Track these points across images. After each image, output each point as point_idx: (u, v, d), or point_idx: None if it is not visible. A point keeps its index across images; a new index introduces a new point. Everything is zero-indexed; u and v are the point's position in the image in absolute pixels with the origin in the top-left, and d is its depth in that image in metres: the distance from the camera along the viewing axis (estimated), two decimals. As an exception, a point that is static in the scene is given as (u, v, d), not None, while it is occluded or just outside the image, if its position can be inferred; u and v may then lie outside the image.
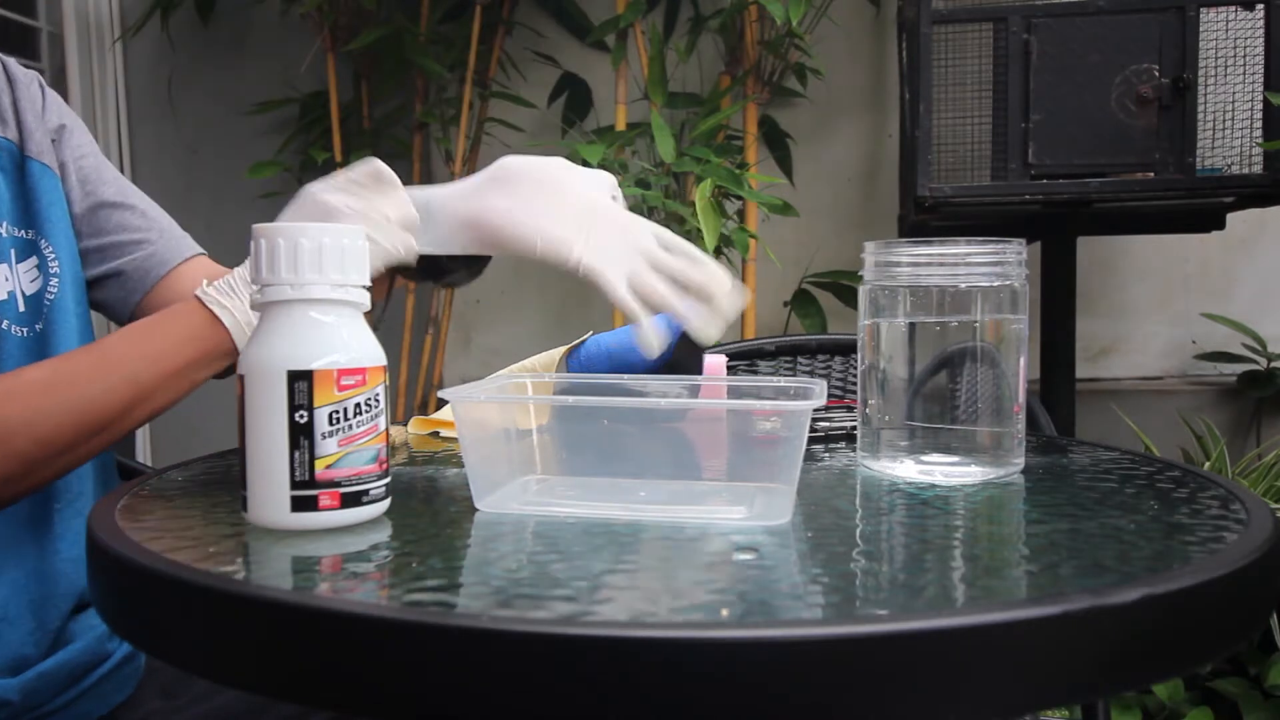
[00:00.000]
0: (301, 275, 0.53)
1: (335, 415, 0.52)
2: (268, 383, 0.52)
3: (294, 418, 0.52)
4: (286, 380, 0.52)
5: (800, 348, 1.18)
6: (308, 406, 0.52)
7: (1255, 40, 1.77)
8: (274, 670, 0.41)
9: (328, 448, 0.52)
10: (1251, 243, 2.26)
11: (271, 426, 0.52)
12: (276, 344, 0.53)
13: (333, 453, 0.53)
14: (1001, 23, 1.71)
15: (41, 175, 0.81)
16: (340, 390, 0.53)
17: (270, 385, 0.52)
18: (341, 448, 0.53)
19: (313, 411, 0.52)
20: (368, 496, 0.54)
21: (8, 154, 0.80)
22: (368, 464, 0.54)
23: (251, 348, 0.54)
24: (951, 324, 0.65)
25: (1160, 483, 0.62)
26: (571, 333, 0.90)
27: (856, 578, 0.45)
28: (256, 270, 0.54)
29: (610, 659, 0.36)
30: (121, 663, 0.84)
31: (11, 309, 0.78)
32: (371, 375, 0.54)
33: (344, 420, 0.53)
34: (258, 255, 0.54)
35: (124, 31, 2.52)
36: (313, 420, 0.52)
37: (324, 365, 0.53)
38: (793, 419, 0.55)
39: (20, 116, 0.82)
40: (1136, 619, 0.40)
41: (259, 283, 0.54)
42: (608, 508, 0.56)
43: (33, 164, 0.81)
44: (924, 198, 1.71)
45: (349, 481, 0.53)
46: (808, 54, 2.13)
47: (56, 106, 0.86)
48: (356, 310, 0.56)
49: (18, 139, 0.81)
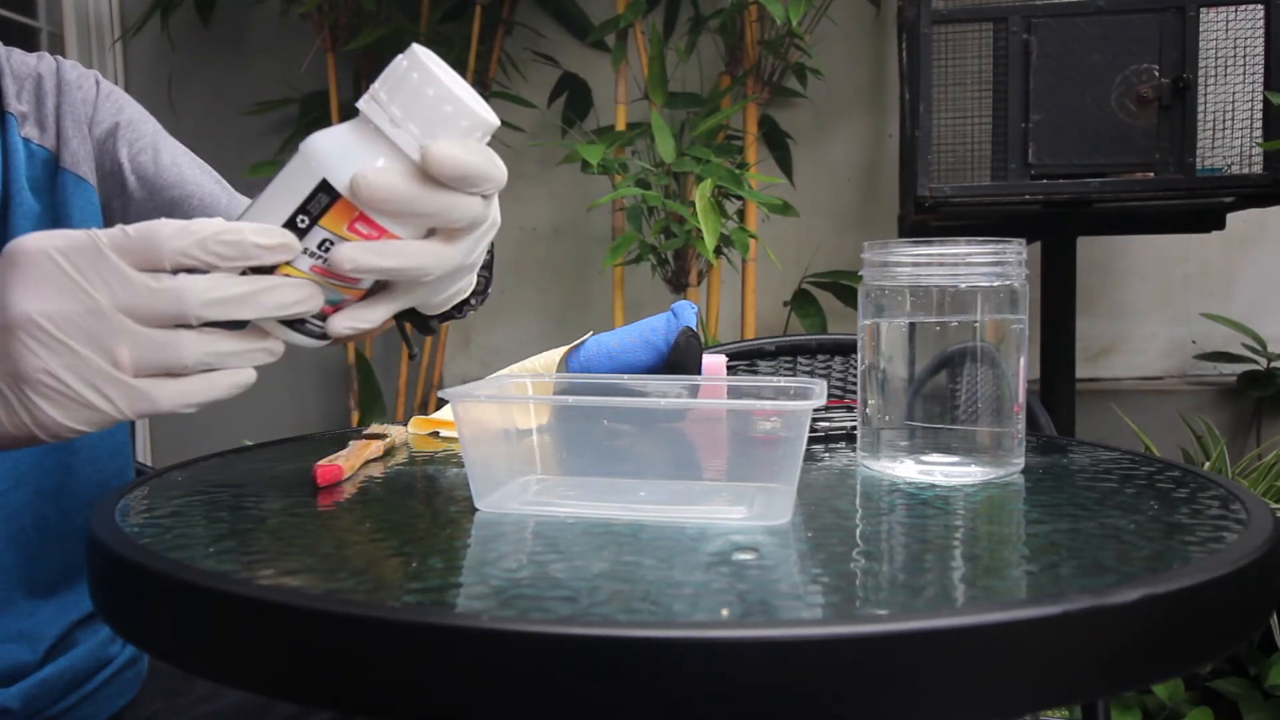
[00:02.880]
0: (407, 122, 0.50)
1: (326, 244, 0.51)
2: (302, 170, 0.50)
3: (296, 218, 0.50)
4: (315, 185, 0.50)
5: (800, 348, 1.18)
6: (312, 219, 0.50)
7: (1255, 40, 1.77)
8: (274, 670, 0.41)
9: (300, 264, 0.51)
10: (1251, 243, 2.26)
11: (277, 203, 0.51)
12: (336, 148, 0.51)
13: (300, 272, 0.51)
14: (1001, 23, 1.71)
15: (75, 189, 0.79)
16: (349, 230, 0.51)
17: (302, 173, 0.50)
18: (310, 274, 0.51)
19: (313, 228, 0.50)
20: (300, 327, 0.53)
21: (43, 163, 0.78)
22: (323, 304, 0.53)
23: (328, 132, 0.51)
24: (951, 324, 0.65)
25: (1160, 483, 0.62)
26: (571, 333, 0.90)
27: (856, 578, 0.45)
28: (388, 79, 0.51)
29: (610, 659, 0.36)
30: (124, 667, 0.84)
31: None
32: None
33: (328, 254, 0.51)
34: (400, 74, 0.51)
35: (124, 31, 2.52)
36: (307, 234, 0.51)
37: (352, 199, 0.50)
38: (793, 419, 0.55)
39: (60, 124, 0.80)
40: (1136, 619, 0.40)
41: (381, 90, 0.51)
42: (608, 508, 0.56)
43: (66, 176, 0.79)
44: (924, 198, 1.71)
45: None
46: (808, 54, 2.13)
47: (112, 103, 0.83)
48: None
49: (55, 147, 0.79)
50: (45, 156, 0.78)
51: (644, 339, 0.83)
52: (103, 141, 0.82)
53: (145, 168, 0.82)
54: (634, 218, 2.02)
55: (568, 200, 2.44)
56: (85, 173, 0.80)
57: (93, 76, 0.84)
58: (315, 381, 2.57)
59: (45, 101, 0.79)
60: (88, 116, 0.81)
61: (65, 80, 0.81)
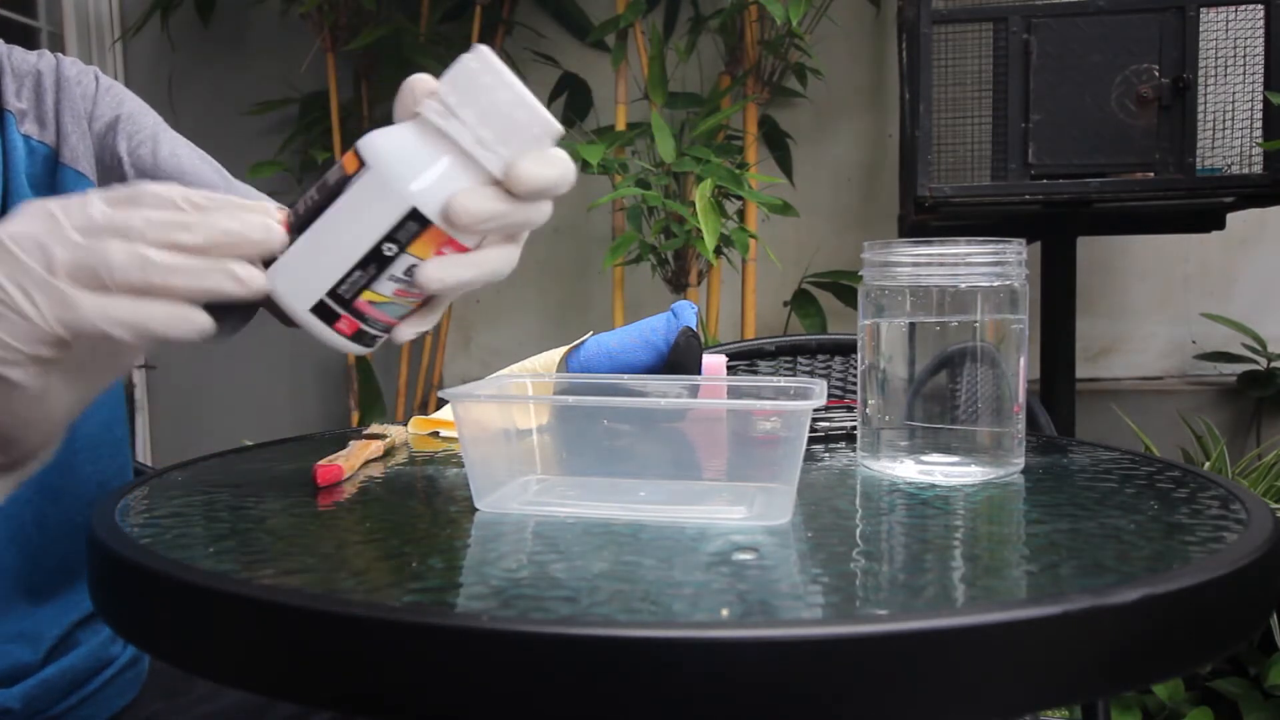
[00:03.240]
0: (482, 129, 0.49)
1: (411, 270, 0.50)
2: (386, 195, 0.48)
3: (382, 246, 0.49)
4: (404, 212, 0.49)
5: (800, 348, 1.18)
6: (401, 248, 0.49)
7: (1255, 40, 1.77)
8: (273, 670, 0.41)
9: (383, 289, 0.50)
10: (1251, 243, 2.26)
11: (357, 230, 0.49)
12: (414, 166, 0.49)
13: (383, 296, 0.50)
14: (1001, 23, 1.71)
15: (75, 184, 0.79)
16: (436, 254, 0.50)
17: (386, 198, 0.48)
18: (392, 297, 0.51)
19: (400, 255, 0.49)
20: (367, 338, 0.53)
21: (43, 159, 0.78)
22: (391, 318, 0.52)
23: (395, 141, 0.49)
24: (951, 324, 0.65)
25: (1160, 483, 0.62)
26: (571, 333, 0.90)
27: (856, 578, 0.45)
28: (458, 82, 0.49)
29: (610, 659, 0.36)
30: (125, 667, 0.84)
31: None
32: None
33: (412, 277, 0.50)
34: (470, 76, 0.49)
35: (124, 31, 2.52)
36: (394, 261, 0.49)
37: (443, 226, 0.49)
38: (793, 419, 0.55)
39: (60, 119, 0.80)
40: (1136, 619, 0.40)
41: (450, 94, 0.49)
42: (608, 508, 0.56)
43: (66, 171, 0.79)
44: (924, 198, 1.71)
45: (371, 324, 0.52)
46: (808, 54, 2.13)
47: (112, 97, 0.83)
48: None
49: (54, 143, 0.79)
50: (45, 153, 0.78)
51: (644, 339, 0.83)
52: (102, 136, 0.81)
53: (144, 160, 0.81)
54: (634, 218, 2.02)
55: (568, 200, 2.43)
56: (85, 168, 0.79)
57: (92, 72, 0.83)
58: (315, 381, 2.57)
59: (45, 98, 0.79)
60: (87, 111, 0.81)
61: (64, 76, 0.81)
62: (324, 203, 0.49)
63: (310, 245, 0.49)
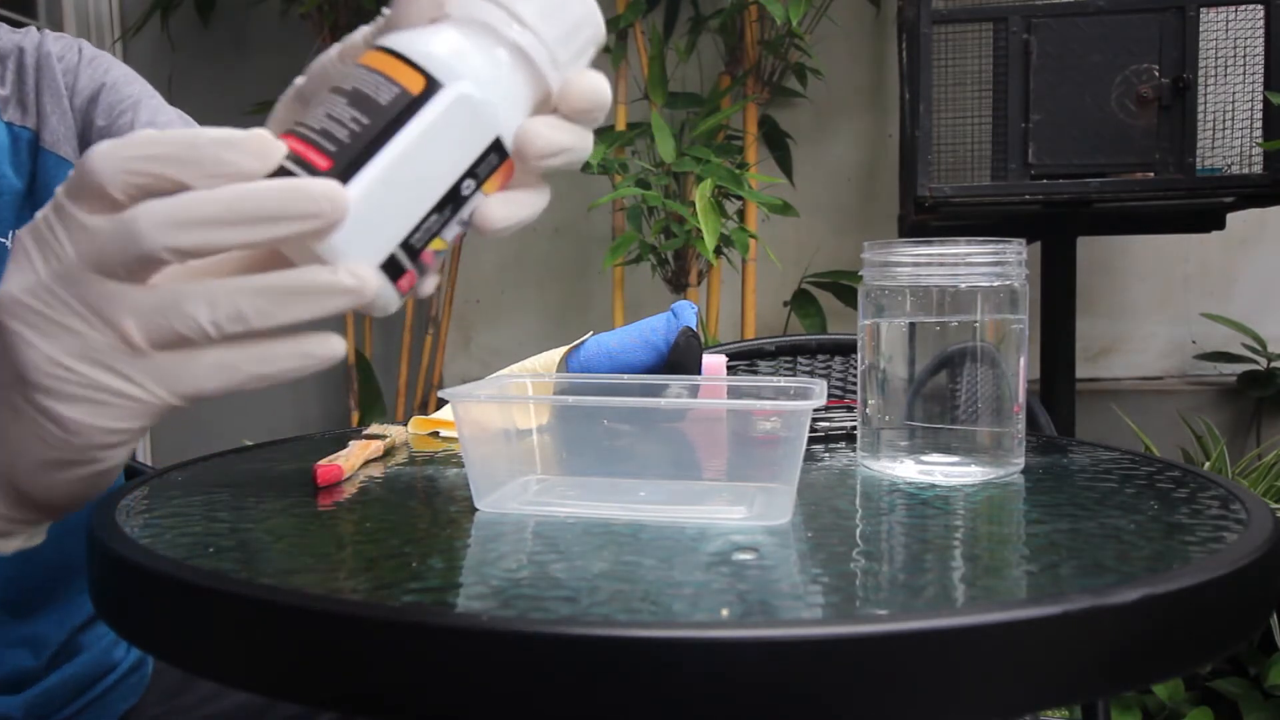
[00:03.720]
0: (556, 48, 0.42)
1: (474, 210, 0.43)
2: (474, 121, 0.40)
3: (461, 184, 0.41)
4: (489, 142, 0.41)
5: (800, 348, 1.18)
6: (478, 184, 0.42)
7: (1255, 40, 1.77)
8: (273, 670, 0.41)
9: (448, 233, 0.42)
10: (1251, 243, 2.26)
11: (439, 164, 0.40)
12: (500, 88, 0.41)
13: (445, 244, 0.43)
14: (1001, 23, 1.71)
15: (57, 169, 0.76)
16: (499, 188, 0.43)
17: (474, 125, 0.40)
18: (448, 243, 0.43)
19: (475, 193, 0.42)
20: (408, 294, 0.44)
21: (26, 144, 0.75)
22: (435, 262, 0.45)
23: (459, 51, 0.40)
24: (951, 324, 0.65)
25: (1160, 483, 0.62)
26: (571, 333, 0.90)
27: (856, 578, 0.45)
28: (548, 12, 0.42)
29: (610, 659, 0.36)
30: (128, 672, 0.83)
31: None
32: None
33: (467, 216, 0.43)
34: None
35: (124, 31, 2.52)
36: (468, 201, 0.42)
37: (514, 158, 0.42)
38: (793, 419, 0.55)
39: (40, 101, 0.76)
40: (1136, 619, 0.40)
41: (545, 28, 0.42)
42: (608, 508, 0.56)
43: (48, 156, 0.76)
44: (924, 198, 1.71)
45: (422, 278, 0.43)
46: (808, 54, 2.13)
47: (95, 68, 0.79)
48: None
49: (36, 126, 0.76)
50: (28, 137, 0.76)
51: (644, 339, 0.83)
52: (84, 110, 0.78)
53: (124, 130, 0.77)
54: (634, 218, 2.02)
55: (568, 200, 2.44)
56: (67, 152, 0.77)
57: (77, 45, 0.80)
58: (315, 381, 2.57)
59: (26, 79, 0.77)
60: (68, 86, 0.78)
61: (46, 54, 0.78)
62: (383, 131, 0.39)
63: (375, 186, 0.39)
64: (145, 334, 0.37)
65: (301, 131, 0.39)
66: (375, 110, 0.39)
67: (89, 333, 0.37)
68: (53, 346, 0.38)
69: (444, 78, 0.40)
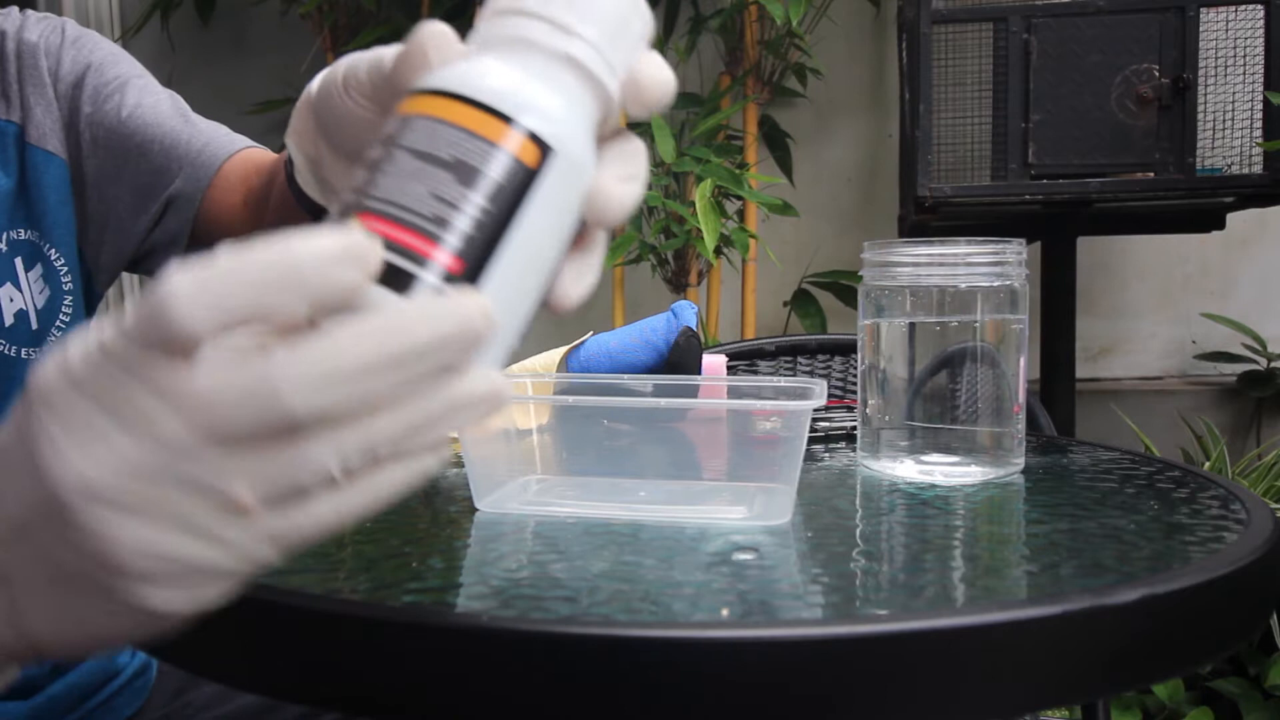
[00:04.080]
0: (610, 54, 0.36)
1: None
2: (576, 186, 0.35)
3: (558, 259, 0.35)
4: (581, 207, 0.35)
5: (800, 348, 1.18)
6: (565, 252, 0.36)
7: (1255, 40, 1.77)
8: (272, 670, 0.41)
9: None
10: (1251, 243, 2.26)
11: (549, 249, 0.34)
12: (590, 135, 0.36)
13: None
14: (1001, 23, 1.71)
15: (45, 164, 0.72)
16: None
17: (575, 191, 0.35)
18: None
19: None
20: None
21: (13, 139, 0.71)
22: None
23: (539, 93, 0.34)
24: (951, 324, 0.65)
25: (1160, 483, 0.62)
26: (571, 333, 0.90)
27: (856, 578, 0.45)
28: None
29: (610, 659, 0.36)
30: (132, 678, 0.83)
31: (24, 331, 0.69)
32: None
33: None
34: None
35: (124, 32, 2.52)
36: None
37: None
38: (793, 419, 0.55)
39: (23, 93, 0.71)
40: (1136, 619, 0.40)
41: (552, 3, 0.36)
42: (608, 508, 0.56)
43: (34, 152, 0.72)
44: (924, 198, 1.71)
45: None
46: (808, 54, 2.13)
47: (79, 48, 0.74)
48: None
49: (21, 119, 0.72)
50: (14, 132, 0.72)
51: (644, 339, 0.83)
52: (70, 97, 0.73)
53: (109, 116, 0.73)
54: (634, 218, 2.02)
55: (568, 200, 2.44)
56: (53, 146, 0.72)
57: (60, 25, 0.75)
58: (315, 381, 2.57)
59: (8, 69, 0.72)
60: (51, 71, 0.73)
61: (25, 41, 0.72)
62: (506, 215, 0.33)
63: (505, 284, 0.33)
64: (260, 494, 0.30)
65: (407, 218, 0.32)
66: (494, 189, 0.33)
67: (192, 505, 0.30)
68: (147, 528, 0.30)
69: (553, 140, 0.34)
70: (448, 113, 0.34)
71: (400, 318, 0.30)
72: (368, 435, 0.30)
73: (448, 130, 0.33)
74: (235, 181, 0.72)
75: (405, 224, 0.32)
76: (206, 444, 0.29)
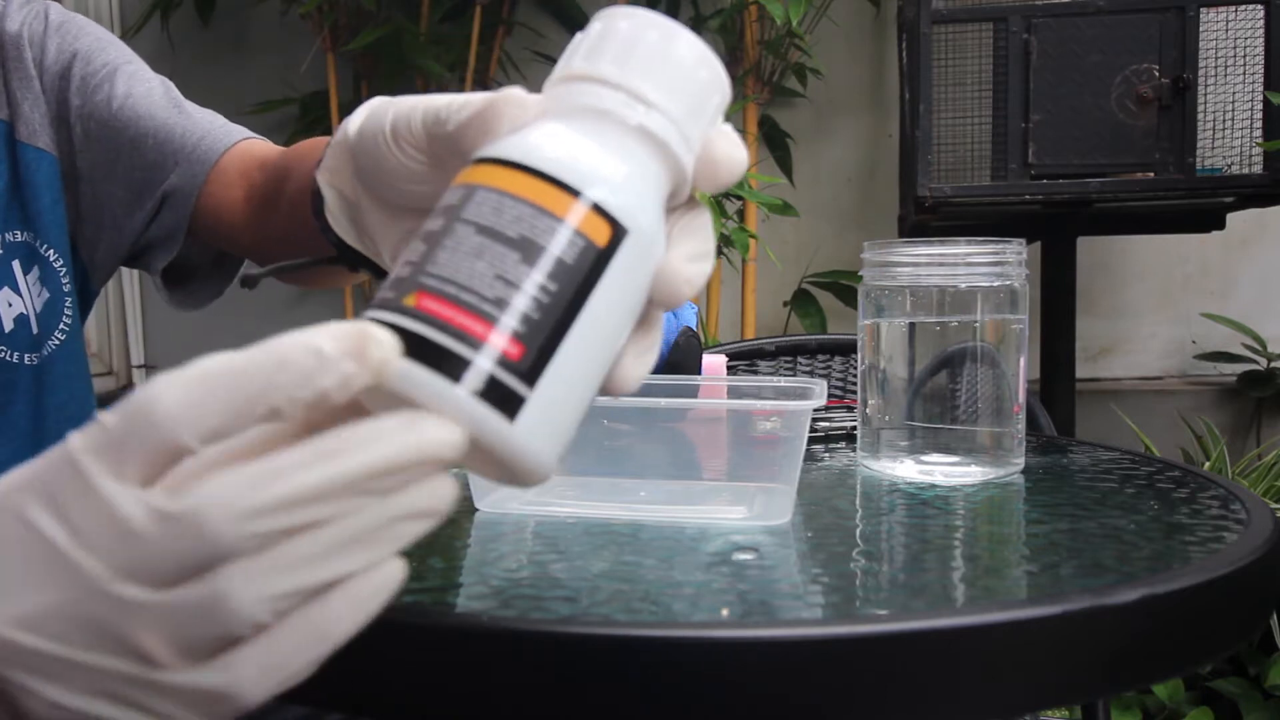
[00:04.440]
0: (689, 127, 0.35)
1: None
2: (645, 266, 0.33)
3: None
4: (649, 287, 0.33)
5: (800, 348, 1.18)
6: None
7: (1255, 40, 1.77)
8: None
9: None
10: (1251, 243, 2.26)
11: (616, 332, 0.32)
12: (660, 210, 0.34)
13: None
14: (1001, 23, 1.71)
15: (36, 161, 0.69)
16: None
17: (644, 272, 0.33)
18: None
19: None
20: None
21: (2, 137, 0.69)
22: None
23: (609, 166, 0.32)
24: (951, 324, 0.65)
25: (1160, 483, 0.62)
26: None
27: (856, 578, 0.45)
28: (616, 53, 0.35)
29: (610, 659, 0.36)
30: None
31: (24, 337, 0.68)
32: None
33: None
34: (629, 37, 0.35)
35: (124, 32, 2.52)
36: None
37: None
38: (793, 419, 0.55)
39: (9, 89, 0.69)
40: (1136, 619, 0.40)
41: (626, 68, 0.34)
42: (608, 508, 0.56)
43: (25, 150, 0.69)
44: (924, 198, 1.71)
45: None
46: (808, 54, 2.13)
47: (63, 36, 0.71)
48: None
49: (9, 117, 0.69)
50: (3, 129, 0.69)
51: (644, 339, 0.83)
52: (57, 89, 0.71)
53: (100, 108, 0.70)
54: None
55: (568, 200, 2.44)
56: (44, 142, 0.70)
57: (42, 11, 0.72)
58: (315, 381, 2.57)
59: None
60: (36, 62, 0.71)
61: (7, 32, 0.70)
62: (575, 299, 0.31)
63: (567, 367, 0.31)
64: (172, 646, 0.27)
65: (465, 299, 0.30)
66: (561, 270, 0.31)
67: (105, 664, 0.27)
68: (57, 691, 0.28)
69: (626, 218, 0.32)
70: (515, 185, 0.31)
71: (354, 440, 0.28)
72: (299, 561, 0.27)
73: (515, 204, 0.31)
74: (234, 176, 0.70)
75: (463, 304, 0.30)
76: (123, 581, 0.27)
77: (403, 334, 0.29)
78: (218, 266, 0.77)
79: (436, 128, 0.38)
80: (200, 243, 0.75)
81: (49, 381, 0.71)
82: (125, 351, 2.48)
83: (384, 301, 0.31)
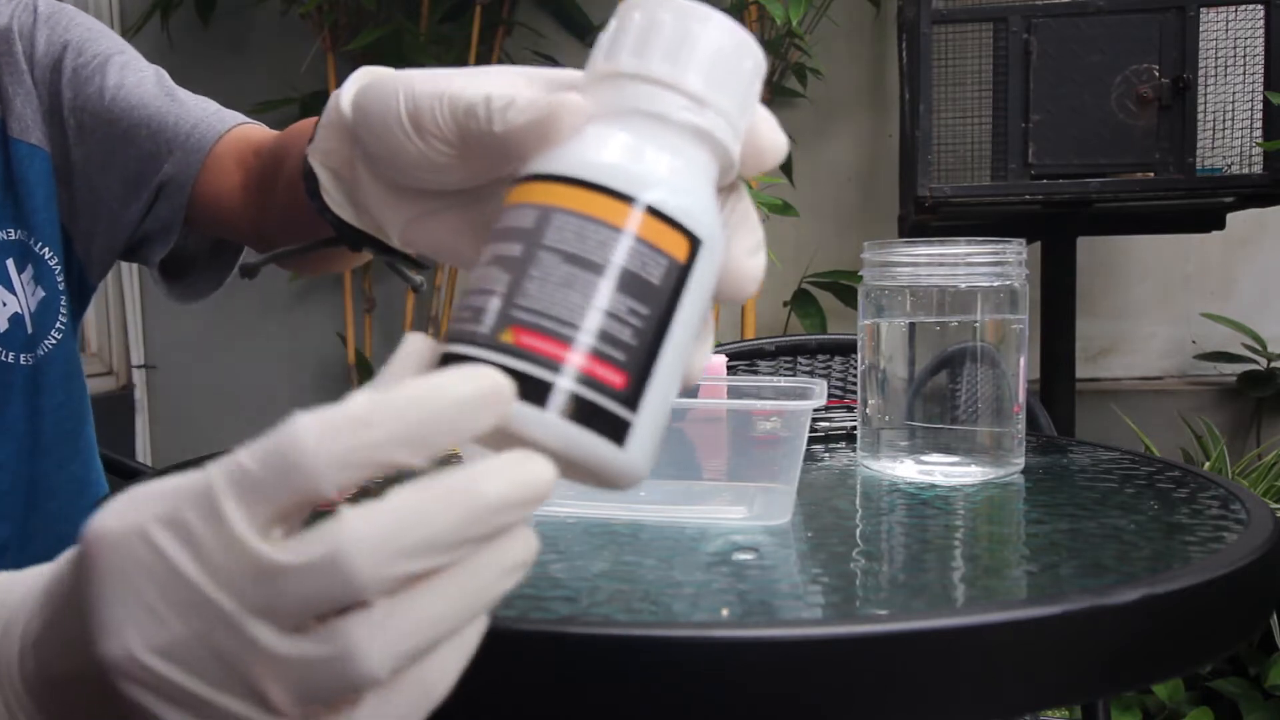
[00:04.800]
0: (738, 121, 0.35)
1: None
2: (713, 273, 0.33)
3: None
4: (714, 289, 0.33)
5: (800, 348, 1.18)
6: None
7: (1255, 40, 1.77)
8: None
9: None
10: (1251, 243, 2.26)
11: (696, 322, 0.32)
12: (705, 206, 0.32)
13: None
14: (1001, 23, 1.71)
15: (28, 158, 0.68)
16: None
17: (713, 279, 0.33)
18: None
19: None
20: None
21: None
22: None
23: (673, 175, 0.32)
24: (951, 324, 0.65)
25: (1160, 483, 0.62)
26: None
27: (856, 578, 0.45)
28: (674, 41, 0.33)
29: (610, 659, 0.36)
30: None
31: (19, 336, 0.68)
32: None
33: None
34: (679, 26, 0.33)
35: (124, 32, 2.52)
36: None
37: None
38: (793, 419, 0.55)
39: (1, 84, 0.68)
40: (1136, 619, 0.40)
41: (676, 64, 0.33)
42: (608, 508, 0.56)
43: (18, 145, 0.68)
44: (924, 198, 1.71)
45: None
46: (808, 54, 2.13)
47: (52, 28, 0.70)
48: None
49: (1, 113, 0.68)
50: None
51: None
52: (49, 82, 0.70)
53: (92, 100, 0.69)
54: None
55: (568, 200, 2.44)
56: (36, 138, 0.69)
57: (30, 4, 0.71)
58: (315, 381, 2.57)
59: None
60: (26, 55, 0.69)
61: None
62: (664, 319, 0.31)
63: (661, 383, 0.31)
64: (292, 695, 0.27)
65: (564, 334, 0.30)
66: (650, 293, 0.31)
67: (229, 704, 0.27)
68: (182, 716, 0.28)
69: (701, 229, 0.32)
70: (594, 208, 0.31)
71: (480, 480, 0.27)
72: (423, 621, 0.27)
73: (598, 229, 0.31)
74: (230, 163, 0.69)
75: (562, 339, 0.29)
76: (255, 620, 0.27)
77: (508, 372, 0.29)
78: (216, 256, 0.76)
79: (476, 125, 0.36)
80: (198, 232, 0.74)
81: (44, 382, 0.70)
82: (125, 351, 2.48)
83: (474, 337, 0.30)
